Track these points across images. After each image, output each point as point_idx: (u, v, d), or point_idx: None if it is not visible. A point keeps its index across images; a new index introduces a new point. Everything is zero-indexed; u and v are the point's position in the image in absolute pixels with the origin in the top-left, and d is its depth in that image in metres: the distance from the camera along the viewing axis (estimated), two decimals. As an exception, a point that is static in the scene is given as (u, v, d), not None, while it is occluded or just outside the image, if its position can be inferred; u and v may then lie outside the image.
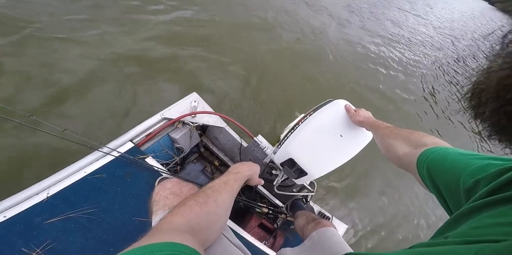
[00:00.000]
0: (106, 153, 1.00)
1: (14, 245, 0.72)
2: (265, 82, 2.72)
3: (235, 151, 1.43)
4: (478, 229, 0.27)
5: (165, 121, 1.20)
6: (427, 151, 0.49)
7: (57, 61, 1.95)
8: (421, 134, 0.62)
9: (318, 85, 3.12)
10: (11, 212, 0.76)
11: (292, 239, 1.34)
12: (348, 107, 1.03)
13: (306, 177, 1.05)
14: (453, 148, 0.49)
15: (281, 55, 3.22)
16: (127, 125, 1.38)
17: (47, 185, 0.85)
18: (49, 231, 0.78)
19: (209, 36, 2.90)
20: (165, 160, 1.27)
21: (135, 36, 2.46)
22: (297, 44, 3.60)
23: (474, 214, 0.30)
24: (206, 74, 2.47)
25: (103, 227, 0.85)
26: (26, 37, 2.01)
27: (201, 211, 0.48)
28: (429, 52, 5.85)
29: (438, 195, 0.43)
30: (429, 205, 2.60)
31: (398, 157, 0.62)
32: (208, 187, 0.56)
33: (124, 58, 2.19)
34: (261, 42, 3.25)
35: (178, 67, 2.40)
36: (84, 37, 2.20)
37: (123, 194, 0.96)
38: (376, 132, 0.81)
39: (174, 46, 2.56)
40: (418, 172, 0.49)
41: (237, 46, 2.99)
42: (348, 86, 3.43)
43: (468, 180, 0.35)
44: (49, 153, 1.51)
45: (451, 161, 0.42)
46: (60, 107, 1.73)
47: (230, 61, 2.71)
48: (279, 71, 2.96)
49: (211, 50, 2.72)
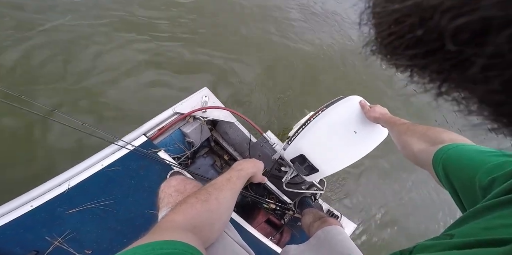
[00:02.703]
0: (121, 146, 1.06)
1: (39, 233, 0.81)
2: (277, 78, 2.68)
3: (245, 146, 1.47)
4: (488, 230, 0.27)
5: (177, 115, 1.25)
6: (444, 148, 0.48)
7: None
8: (439, 130, 0.61)
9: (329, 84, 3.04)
10: (37, 202, 0.85)
11: (298, 236, 1.40)
12: (363, 103, 1.01)
13: (317, 174, 1.05)
14: (471, 144, 0.49)
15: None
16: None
17: (67, 177, 0.93)
18: (69, 221, 0.86)
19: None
20: (176, 154, 1.33)
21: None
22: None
23: (484, 214, 0.30)
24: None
25: (117, 218, 0.93)
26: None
27: (202, 209, 0.49)
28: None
29: (453, 193, 0.43)
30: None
31: (414, 154, 0.61)
32: (210, 184, 0.57)
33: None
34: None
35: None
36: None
37: (137, 186, 1.03)
38: (392, 129, 0.80)
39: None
40: (435, 171, 0.48)
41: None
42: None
43: (484, 178, 0.35)
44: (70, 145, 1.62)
45: (467, 159, 0.42)
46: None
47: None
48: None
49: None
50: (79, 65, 1.93)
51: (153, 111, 1.23)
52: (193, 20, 2.56)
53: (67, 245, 0.83)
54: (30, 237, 0.82)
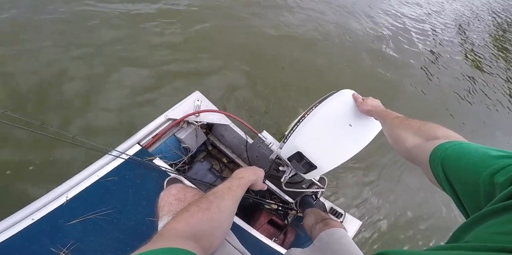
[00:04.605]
0: (115, 156, 1.10)
1: (44, 245, 0.86)
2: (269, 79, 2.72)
3: (242, 148, 1.50)
4: (499, 235, 0.26)
5: (170, 122, 1.28)
6: (441, 147, 0.48)
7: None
8: (433, 126, 0.61)
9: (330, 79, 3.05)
10: (38, 215, 0.89)
11: (303, 235, 1.41)
12: (355, 96, 1.03)
13: (316, 171, 1.05)
14: (468, 142, 0.48)
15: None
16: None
17: (65, 189, 0.98)
18: (72, 232, 0.90)
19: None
20: (173, 160, 1.37)
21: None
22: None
23: (492, 218, 0.30)
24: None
25: (119, 227, 0.97)
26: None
27: (203, 217, 0.50)
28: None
29: (452, 194, 0.42)
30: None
31: (406, 148, 0.61)
32: (211, 192, 0.59)
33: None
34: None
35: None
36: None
37: (135, 195, 1.07)
38: (384, 122, 0.80)
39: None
40: (432, 170, 0.47)
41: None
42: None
43: (489, 180, 0.34)
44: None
45: (467, 159, 0.41)
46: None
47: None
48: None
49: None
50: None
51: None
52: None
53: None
54: (36, 249, 0.86)
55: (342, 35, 3.71)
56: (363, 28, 4.08)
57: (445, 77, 3.87)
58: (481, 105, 3.76)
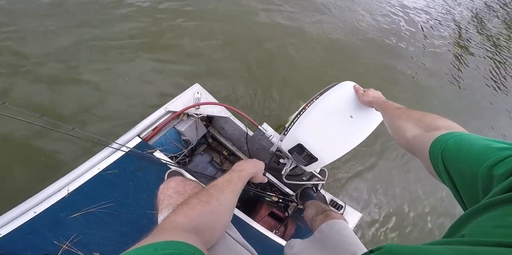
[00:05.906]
0: (116, 149, 1.11)
1: (47, 238, 0.88)
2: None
3: (242, 140, 1.51)
4: (498, 228, 0.26)
5: (170, 114, 1.28)
6: (442, 138, 0.47)
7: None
8: (434, 116, 0.61)
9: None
10: (40, 208, 0.91)
11: (304, 227, 1.44)
12: (356, 88, 1.04)
13: (317, 163, 1.06)
14: (469, 133, 0.48)
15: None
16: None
17: (66, 182, 0.99)
18: (74, 225, 0.92)
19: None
20: (173, 153, 1.38)
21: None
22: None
23: (489, 211, 0.29)
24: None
25: (120, 220, 0.99)
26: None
27: (204, 210, 0.51)
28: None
29: (452, 187, 0.42)
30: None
31: (406, 139, 0.61)
32: (211, 185, 0.60)
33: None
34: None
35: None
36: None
37: (136, 188, 1.08)
38: (385, 113, 0.81)
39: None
40: (432, 161, 0.47)
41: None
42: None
43: (487, 173, 0.34)
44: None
45: (468, 150, 0.40)
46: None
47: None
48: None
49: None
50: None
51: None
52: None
53: (75, 249, 0.90)
54: (39, 242, 0.88)
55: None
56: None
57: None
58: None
